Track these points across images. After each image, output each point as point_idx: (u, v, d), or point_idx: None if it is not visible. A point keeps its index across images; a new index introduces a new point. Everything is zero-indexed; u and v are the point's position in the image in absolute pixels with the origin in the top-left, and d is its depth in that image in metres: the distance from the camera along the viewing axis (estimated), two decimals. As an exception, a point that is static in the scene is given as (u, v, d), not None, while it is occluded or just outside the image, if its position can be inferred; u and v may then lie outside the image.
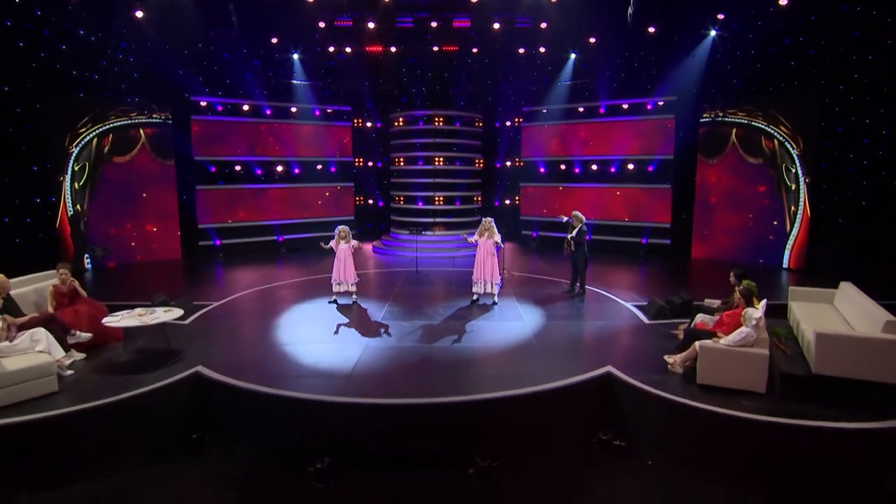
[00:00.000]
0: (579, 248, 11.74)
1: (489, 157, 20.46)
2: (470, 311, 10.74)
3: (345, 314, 10.67)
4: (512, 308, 10.96)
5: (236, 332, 9.55)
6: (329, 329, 9.66)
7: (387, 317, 10.42)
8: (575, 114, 18.08)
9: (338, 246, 11.32)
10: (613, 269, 15.02)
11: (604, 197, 17.67)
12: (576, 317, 10.44)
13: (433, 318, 10.25)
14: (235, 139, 17.28)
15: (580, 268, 11.87)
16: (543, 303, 11.36)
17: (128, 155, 15.62)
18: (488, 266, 11.18)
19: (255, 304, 11.43)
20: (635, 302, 11.28)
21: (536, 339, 9.09)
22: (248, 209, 17.72)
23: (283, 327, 9.78)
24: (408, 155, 18.81)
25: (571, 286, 12.13)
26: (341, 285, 11.34)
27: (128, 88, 15.57)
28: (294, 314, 10.62)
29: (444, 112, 18.59)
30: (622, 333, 9.46)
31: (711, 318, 8.21)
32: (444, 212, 18.69)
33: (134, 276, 14.35)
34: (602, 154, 17.62)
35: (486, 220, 11.17)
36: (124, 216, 15.75)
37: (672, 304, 10.28)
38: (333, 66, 18.49)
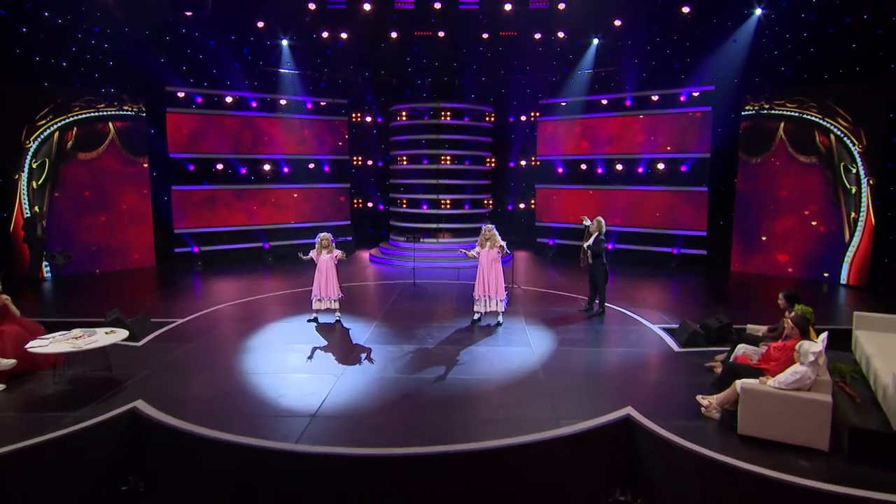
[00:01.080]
0: (598, 260, 10.98)
1: (502, 155, 20.01)
2: (469, 334, 10.00)
3: (324, 335, 10.00)
4: (518, 330, 10.20)
5: (193, 357, 8.83)
6: (302, 354, 8.96)
7: (372, 339, 9.71)
8: (598, 107, 17.50)
9: (319, 256, 10.61)
10: (639, 284, 14.24)
11: (630, 201, 17.06)
12: (592, 342, 9.63)
13: (425, 342, 9.50)
14: (217, 134, 16.84)
15: (599, 283, 11.09)
16: (555, 324, 10.59)
17: (94, 151, 15.16)
18: (492, 280, 10.43)
19: (224, 321, 10.79)
20: (664, 324, 10.47)
21: (544, 370, 8.23)
22: (230, 212, 17.26)
23: (250, 351, 9.06)
24: (411, 153, 18.28)
25: (589, 304, 11.38)
26: (322, 301, 10.68)
27: (102, 78, 15.07)
28: (266, 335, 9.94)
29: (451, 105, 18.08)
30: (647, 364, 8.58)
31: (755, 351, 7.26)
32: (450, 216, 18.10)
33: (97, 287, 13.85)
34: (628, 152, 17.03)
35: (486, 228, 10.45)
36: (90, 219, 15.28)
37: (708, 328, 9.38)
38: (329, 53, 17.90)
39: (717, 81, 15.41)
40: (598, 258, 10.99)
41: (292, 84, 17.68)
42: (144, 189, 16.04)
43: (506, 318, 10.71)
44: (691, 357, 8.75)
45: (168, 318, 10.81)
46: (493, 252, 10.40)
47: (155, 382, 7.74)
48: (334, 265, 10.71)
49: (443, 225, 18.04)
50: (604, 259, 11.03)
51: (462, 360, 8.69)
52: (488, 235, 10.43)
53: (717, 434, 6.25)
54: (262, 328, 10.35)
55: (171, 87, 16.12)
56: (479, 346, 9.37)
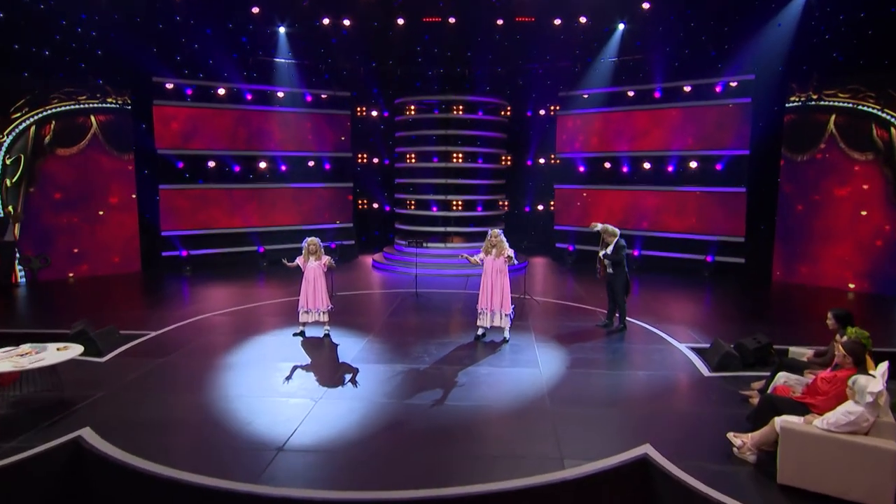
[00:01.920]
0: (618, 270, 10.44)
1: (518, 152, 19.74)
2: (471, 352, 9.46)
3: (309, 352, 9.55)
4: (526, 348, 9.64)
5: (159, 376, 8.36)
6: (282, 373, 8.46)
7: (361, 357, 9.22)
8: (623, 99, 17.00)
9: (306, 263, 10.11)
10: (667, 296, 13.68)
11: (658, 203, 16.57)
12: (609, 363, 9.03)
13: (420, 361, 8.96)
14: (209, 129, 16.57)
15: (619, 296, 10.56)
16: (570, 341, 10.01)
17: (75, 147, 14.93)
18: (497, 292, 9.87)
19: (203, 334, 10.39)
20: (693, 343, 9.82)
21: (551, 397, 7.59)
22: (222, 214, 16.99)
23: (224, 370, 8.58)
24: (420, 150, 17.91)
25: (608, 319, 10.87)
26: (310, 314, 10.24)
27: (84, 67, 14.83)
28: (246, 351, 9.50)
29: (464, 98, 17.69)
30: (671, 391, 7.91)
31: (799, 380, 6.53)
32: (461, 219, 17.64)
33: (73, 294, 13.61)
34: (657, 149, 16.53)
35: (493, 233, 9.92)
36: (69, 220, 15.03)
37: (743, 350, 8.68)
38: (334, 42, 17.47)
39: (758, 70, 14.85)
40: (617, 267, 10.43)
41: (290, 75, 17.33)
42: (130, 188, 15.80)
43: (514, 334, 10.18)
44: (723, 384, 8.05)
45: (142, 329, 10.44)
46: (499, 261, 9.80)
47: (110, 406, 7.26)
48: (323, 273, 10.23)
49: (451, 228, 17.57)
50: (624, 268, 10.42)
51: (459, 382, 8.11)
52: (494, 242, 9.86)
53: (751, 482, 5.54)
54: (244, 342, 9.91)
55: (158, 78, 15.83)
56: (481, 366, 8.79)
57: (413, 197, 18.01)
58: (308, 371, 8.59)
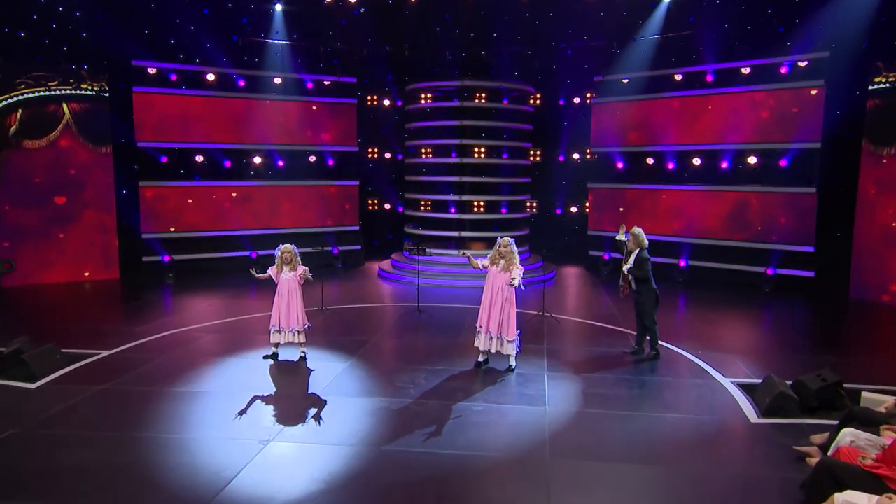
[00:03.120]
0: (644, 287, 9.54)
1: (549, 146, 19.32)
2: (468, 383, 8.62)
3: (276, 379, 8.87)
4: (534, 379, 8.75)
5: (87, 409, 7.73)
6: (235, 406, 7.69)
7: (335, 387, 8.47)
8: (669, 84, 16.58)
9: (279, 275, 9.46)
10: (716, 315, 12.87)
11: (709, 205, 16.01)
12: (631, 402, 8.07)
13: (403, 394, 8.17)
14: (195, 119, 16.35)
15: (647, 317, 9.64)
16: (589, 371, 9.12)
17: (44, 138, 14.73)
18: (496, 311, 8.99)
19: (160, 356, 9.76)
20: (740, 378, 8.79)
21: (553, 446, 6.68)
22: (211, 214, 16.73)
23: (168, 401, 7.90)
24: (435, 143, 17.42)
25: (638, 344, 9.95)
26: (282, 333, 9.58)
27: (55, 49, 14.60)
28: (202, 377, 8.81)
29: (487, 84, 17.26)
30: (704, 443, 6.90)
31: (871, 440, 5.44)
32: (483, 223, 17.03)
33: (35, 304, 13.31)
34: (708, 142, 16.03)
35: (502, 242, 9.07)
36: (38, 221, 14.80)
37: (803, 389, 7.60)
38: (335, 21, 17.00)
39: (834, 46, 14.11)
40: (643, 284, 9.52)
41: (288, 59, 16.96)
42: (107, 185, 15.52)
43: (522, 361, 9.31)
44: (774, 433, 7.01)
45: (94, 348, 9.93)
46: (505, 276, 8.93)
47: (9, 451, 6.51)
48: (299, 287, 9.55)
49: (466, 233, 16.85)
50: (651, 284, 9.50)
51: (445, 423, 7.27)
52: (504, 253, 9.00)
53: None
54: (205, 366, 9.26)
55: (139, 62, 15.53)
56: (475, 401, 7.93)
57: (427, 197, 17.49)
58: (267, 404, 7.85)
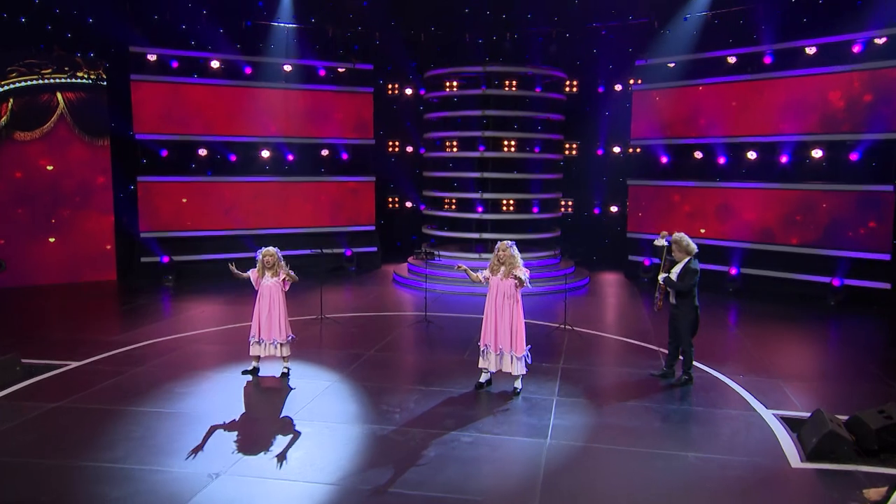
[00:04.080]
0: (684, 302, 8.79)
1: (587, 139, 18.84)
2: (464, 407, 8.07)
3: (250, 398, 8.48)
4: (542, 405, 8.12)
5: (33, 430, 7.35)
6: (194, 430, 7.26)
7: (314, 409, 8.01)
8: (721, 68, 15.88)
9: (260, 281, 9.10)
10: (769, 332, 12.10)
11: (766, 205, 15.23)
12: (650, 436, 7.32)
13: (387, 420, 7.65)
14: (198, 110, 16.32)
15: (684, 337, 8.87)
16: (607, 397, 8.52)
17: (37, 130, 14.86)
18: (504, 325, 8.44)
19: (130, 368, 9.43)
20: (787, 410, 7.97)
21: (545, 491, 6.07)
22: (214, 212, 16.67)
23: (120, 422, 7.48)
24: (455, 135, 17.10)
25: (668, 366, 9.21)
26: (262, 345, 9.16)
27: (49, 34, 14.70)
28: (169, 395, 8.43)
29: (517, 70, 16.90)
30: (733, 493, 6.11)
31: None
32: (507, 223, 16.60)
33: (21, 308, 13.28)
34: (765, 133, 15.25)
35: (501, 246, 8.55)
36: (30, 218, 14.90)
37: (862, 429, 6.79)
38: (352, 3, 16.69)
39: None
40: (684, 298, 8.77)
41: (299, 44, 16.86)
42: (104, 180, 15.58)
43: (531, 383, 8.76)
44: (819, 482, 6.23)
45: (61, 358, 9.71)
46: (507, 283, 8.39)
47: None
48: (282, 294, 9.14)
49: (488, 235, 16.33)
50: (695, 301, 8.76)
51: (426, 457, 6.70)
52: (503, 258, 8.46)
53: None
54: (176, 382, 8.87)
55: (137, 48, 15.48)
56: (467, 430, 7.34)
57: (445, 195, 17.24)
58: (230, 430, 7.36)
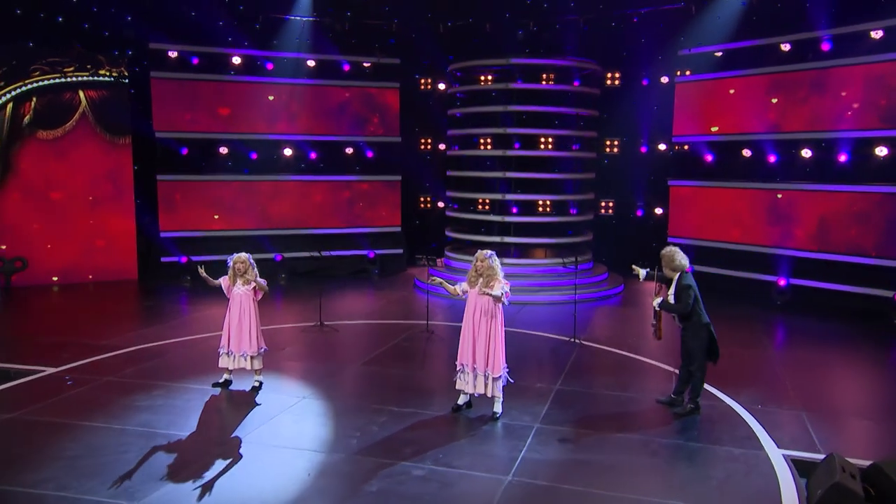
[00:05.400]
0: (691, 323, 7.85)
1: (630, 135, 17.80)
2: (431, 433, 7.40)
3: (207, 414, 7.97)
4: (520, 433, 7.34)
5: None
6: (139, 448, 6.82)
7: (268, 430, 7.45)
8: (773, 56, 14.66)
9: (231, 289, 8.68)
10: (810, 355, 11.04)
11: (821, 208, 13.97)
12: (630, 478, 6.40)
13: (342, 447, 6.99)
14: (219, 108, 16.15)
15: (695, 362, 7.88)
16: (594, 425, 7.62)
17: (59, 128, 14.88)
18: (482, 343, 7.66)
19: (102, 377, 9.08)
20: (800, 451, 6.89)
21: None
22: (235, 212, 16.48)
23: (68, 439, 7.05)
24: (494, 132, 16.25)
25: (676, 392, 8.23)
26: (232, 357, 8.69)
27: (69, 32, 14.72)
28: (128, 407, 8.00)
29: (555, 62, 16.15)
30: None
31: None
32: (530, 226, 15.82)
33: (23, 309, 13.32)
34: (821, 128, 14.09)
35: (478, 256, 7.79)
36: (52, 217, 14.96)
37: (881, 481, 5.77)
38: None
39: None
40: (688, 319, 7.82)
41: (322, 39, 16.44)
42: (126, 178, 15.56)
43: (519, 405, 8.03)
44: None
45: (39, 363, 9.48)
46: (485, 297, 7.62)
47: None
48: (253, 303, 8.66)
49: (510, 239, 15.52)
50: (703, 318, 7.76)
51: (362, 494, 6.00)
52: (481, 269, 7.69)
53: None
54: (140, 394, 8.45)
55: (157, 45, 15.41)
56: (423, 462, 6.60)
57: (465, 195, 16.61)
58: (169, 451, 6.80)
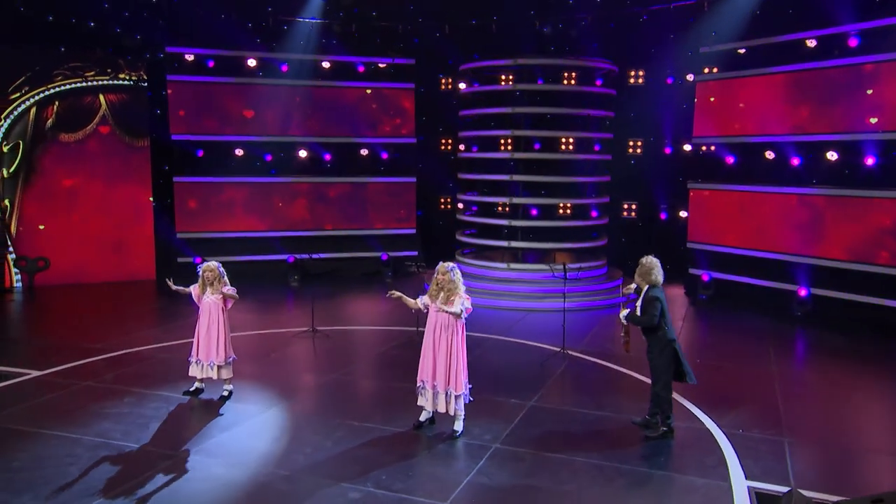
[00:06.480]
0: (653, 338, 7.37)
1: (655, 136, 17.27)
2: (382, 451, 7.10)
3: (166, 424, 7.84)
4: (471, 455, 7.03)
5: None
6: (88, 457, 6.78)
7: (218, 444, 7.29)
8: (797, 53, 13.90)
9: (201, 297, 8.64)
10: (818, 373, 10.46)
11: (846, 213, 13.07)
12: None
13: (287, 463, 6.81)
14: (235, 110, 16.20)
15: (658, 379, 7.40)
16: (556, 448, 7.20)
17: (80, 131, 15.09)
18: (442, 360, 7.34)
19: (82, 382, 9.12)
20: (769, 484, 6.37)
21: None
22: (249, 213, 16.51)
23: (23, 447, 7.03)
24: (516, 135, 15.78)
25: (651, 413, 7.67)
26: (200, 366, 8.62)
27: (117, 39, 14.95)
28: (96, 415, 8.00)
29: (575, 62, 15.71)
30: None
31: None
32: (539, 231, 15.41)
33: (38, 308, 13.65)
34: (849, 130, 13.18)
35: (440, 269, 7.49)
36: (74, 217, 15.19)
37: None
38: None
39: None
40: (653, 334, 7.33)
41: (337, 40, 16.40)
42: (145, 180, 15.74)
43: (481, 422, 7.68)
44: None
45: (28, 366, 9.60)
46: (445, 316, 7.32)
47: None
48: (222, 312, 8.58)
49: (518, 244, 15.07)
50: (668, 335, 7.27)
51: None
52: (442, 283, 7.39)
53: None
54: (111, 401, 8.42)
55: (173, 48, 15.53)
56: (364, 483, 6.35)
57: (473, 199, 16.24)
58: (115, 464, 6.70)
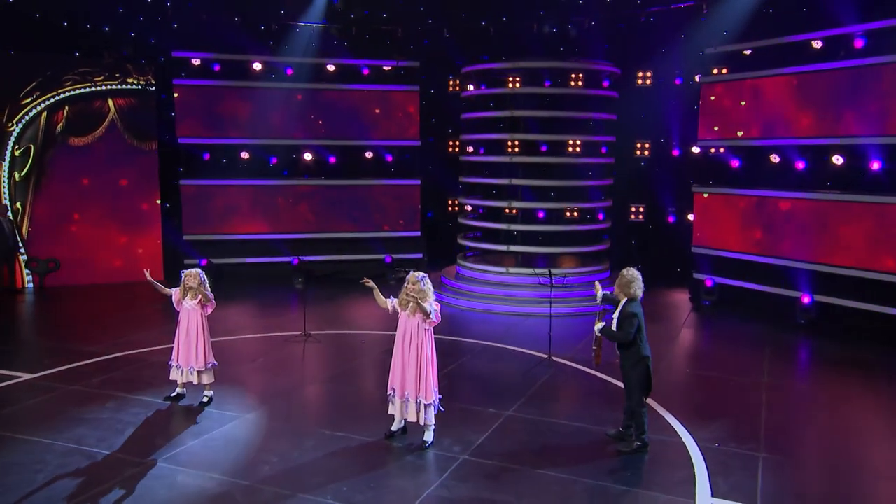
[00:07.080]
0: (628, 353, 7.21)
1: (663, 138, 17.09)
2: (345, 462, 7.05)
3: (139, 430, 7.84)
4: (436, 466, 6.98)
5: None
6: (52, 466, 6.78)
7: (194, 451, 7.33)
8: (804, 54, 13.50)
9: (181, 303, 8.69)
10: (815, 385, 10.11)
11: (851, 218, 12.59)
12: None
13: (249, 473, 6.75)
14: (240, 113, 16.22)
15: (633, 394, 7.28)
16: (524, 461, 7.08)
17: (90, 135, 15.22)
18: (412, 369, 7.30)
19: (69, 386, 9.17)
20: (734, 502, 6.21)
21: None
22: (254, 216, 16.55)
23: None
24: (523, 138, 15.55)
25: (625, 426, 7.54)
26: (180, 371, 8.69)
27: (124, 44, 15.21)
28: (72, 420, 8.04)
29: (583, 65, 15.48)
30: None
31: None
32: (537, 235, 15.16)
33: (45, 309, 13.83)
34: (856, 134, 12.75)
35: (410, 279, 7.42)
36: (83, 219, 15.36)
37: None
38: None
39: None
40: (627, 349, 7.18)
41: (340, 44, 16.47)
42: (153, 183, 15.86)
43: (452, 433, 7.59)
44: None
45: (21, 369, 9.68)
46: (415, 320, 7.30)
47: None
48: (202, 317, 8.62)
49: (516, 248, 14.96)
50: (642, 350, 7.12)
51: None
52: (412, 292, 7.31)
53: None
54: (91, 406, 8.46)
55: (179, 53, 15.61)
56: (323, 496, 6.30)
57: (471, 202, 16.01)
58: (83, 472, 6.71)
